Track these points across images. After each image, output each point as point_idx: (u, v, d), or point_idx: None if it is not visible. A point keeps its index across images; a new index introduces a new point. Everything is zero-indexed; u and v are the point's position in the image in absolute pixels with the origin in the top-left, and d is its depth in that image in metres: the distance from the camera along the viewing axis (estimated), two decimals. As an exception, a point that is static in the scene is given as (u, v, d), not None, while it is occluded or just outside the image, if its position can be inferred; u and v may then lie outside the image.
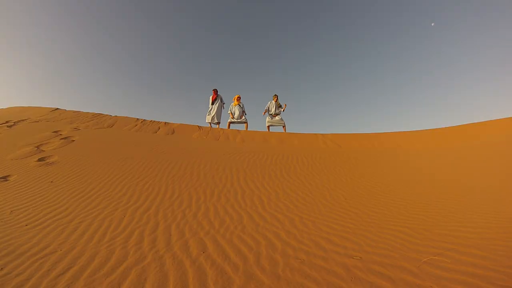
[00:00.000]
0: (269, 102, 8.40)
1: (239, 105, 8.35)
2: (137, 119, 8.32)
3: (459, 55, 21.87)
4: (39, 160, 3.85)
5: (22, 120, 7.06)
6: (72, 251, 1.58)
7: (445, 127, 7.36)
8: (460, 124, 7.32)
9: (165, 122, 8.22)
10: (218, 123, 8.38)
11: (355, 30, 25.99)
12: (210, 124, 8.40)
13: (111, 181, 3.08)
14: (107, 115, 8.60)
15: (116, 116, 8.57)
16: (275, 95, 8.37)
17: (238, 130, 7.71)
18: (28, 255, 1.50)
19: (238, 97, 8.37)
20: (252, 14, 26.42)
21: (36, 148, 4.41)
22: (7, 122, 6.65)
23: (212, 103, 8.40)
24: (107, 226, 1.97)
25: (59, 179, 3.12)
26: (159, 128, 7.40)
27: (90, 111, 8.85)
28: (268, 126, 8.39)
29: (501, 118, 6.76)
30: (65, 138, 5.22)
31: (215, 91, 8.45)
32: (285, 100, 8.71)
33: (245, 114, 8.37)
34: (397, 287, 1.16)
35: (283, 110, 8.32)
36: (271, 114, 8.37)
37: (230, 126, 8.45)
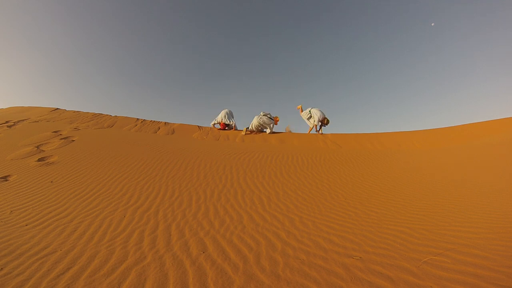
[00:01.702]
0: (312, 109, 7.70)
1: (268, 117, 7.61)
2: (137, 119, 8.32)
3: (459, 55, 21.91)
4: (39, 160, 3.85)
5: (22, 120, 7.06)
6: (72, 251, 1.58)
7: (445, 127, 7.36)
8: (460, 124, 7.33)
9: (165, 122, 8.23)
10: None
11: (355, 30, 26.03)
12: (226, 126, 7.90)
13: (111, 181, 3.08)
14: (107, 115, 8.60)
15: (116, 116, 8.58)
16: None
17: (238, 130, 7.70)
18: (28, 255, 1.50)
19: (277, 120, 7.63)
20: (251, 15, 26.44)
21: (36, 148, 4.41)
22: (7, 122, 6.65)
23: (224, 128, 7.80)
24: (107, 226, 1.97)
25: (59, 179, 3.12)
26: (159, 128, 7.40)
27: (90, 111, 8.86)
28: (315, 126, 7.72)
29: (501, 118, 6.77)
30: (65, 138, 5.22)
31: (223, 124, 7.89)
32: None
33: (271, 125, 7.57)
34: (397, 287, 1.16)
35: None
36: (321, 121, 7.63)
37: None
